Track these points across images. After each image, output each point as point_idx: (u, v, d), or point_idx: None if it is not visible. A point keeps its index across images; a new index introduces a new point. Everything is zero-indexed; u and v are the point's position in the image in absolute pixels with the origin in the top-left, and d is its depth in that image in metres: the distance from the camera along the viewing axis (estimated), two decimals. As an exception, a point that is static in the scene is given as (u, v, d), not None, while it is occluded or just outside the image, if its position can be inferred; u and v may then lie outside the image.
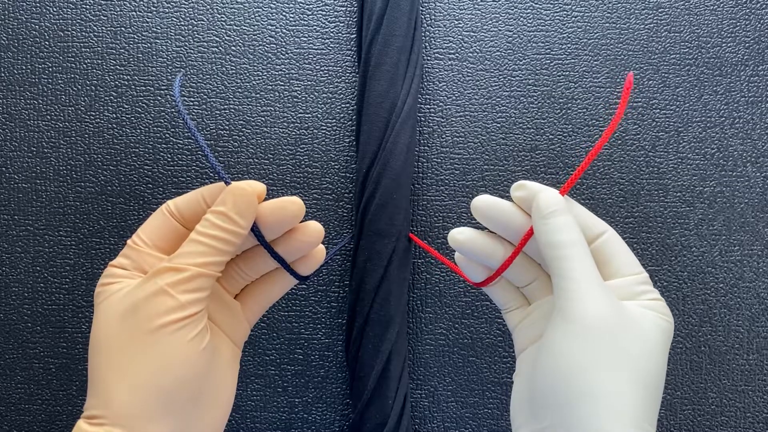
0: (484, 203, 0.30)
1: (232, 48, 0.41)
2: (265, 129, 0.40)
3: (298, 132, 0.41)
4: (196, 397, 0.26)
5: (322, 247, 0.31)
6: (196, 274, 0.26)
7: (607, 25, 0.41)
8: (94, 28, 0.41)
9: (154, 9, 0.41)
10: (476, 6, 0.41)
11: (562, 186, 0.29)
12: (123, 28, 0.41)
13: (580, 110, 0.41)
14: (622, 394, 0.25)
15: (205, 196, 0.29)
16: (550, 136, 0.41)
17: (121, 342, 0.26)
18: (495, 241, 0.31)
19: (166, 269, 0.26)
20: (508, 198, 0.31)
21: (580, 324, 0.26)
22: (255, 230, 0.29)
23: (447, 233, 0.32)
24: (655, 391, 0.26)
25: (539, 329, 0.31)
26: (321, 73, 0.41)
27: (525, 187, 0.30)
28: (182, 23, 0.41)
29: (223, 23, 0.41)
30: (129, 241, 0.29)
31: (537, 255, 0.31)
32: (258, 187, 0.28)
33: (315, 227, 0.30)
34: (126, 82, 0.41)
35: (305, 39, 0.41)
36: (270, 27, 0.41)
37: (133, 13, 0.41)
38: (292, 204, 0.28)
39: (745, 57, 0.41)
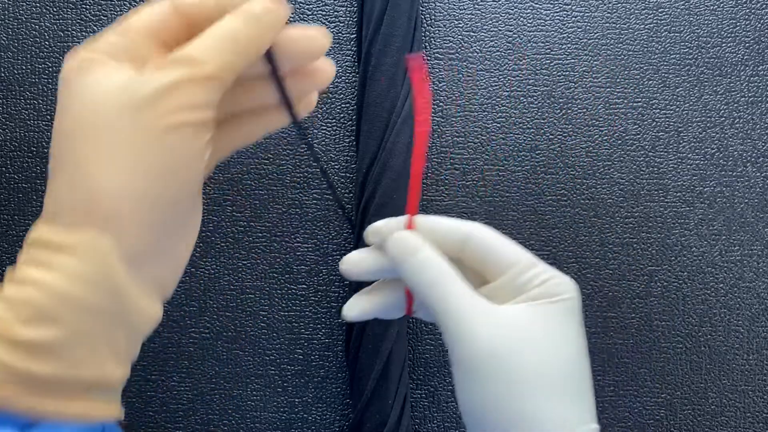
0: (350, 264, 0.29)
1: (232, 48, 0.41)
2: (265, 129, 0.40)
3: (298, 132, 0.41)
4: (185, 213, 0.23)
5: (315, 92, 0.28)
6: (216, 74, 0.22)
7: (607, 25, 0.41)
8: (94, 28, 0.41)
9: (154, 9, 0.41)
10: (476, 6, 0.41)
11: (407, 207, 0.27)
12: (123, 28, 0.41)
13: (580, 110, 0.41)
14: (551, 406, 0.24)
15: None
16: (550, 136, 0.41)
17: (116, 136, 0.21)
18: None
19: (183, 60, 0.21)
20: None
21: (472, 363, 0.25)
22: (269, 56, 0.24)
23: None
24: (582, 379, 0.25)
25: None
26: (321, 73, 0.41)
27: (377, 234, 0.28)
28: (182, 23, 0.41)
29: (223, 23, 0.41)
30: (116, 26, 0.23)
31: None
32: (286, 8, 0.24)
33: (330, 69, 0.26)
34: (126, 82, 0.41)
35: (305, 39, 0.41)
36: (270, 27, 0.41)
37: (133, 13, 0.41)
38: (323, 36, 0.25)
39: (745, 57, 0.41)
